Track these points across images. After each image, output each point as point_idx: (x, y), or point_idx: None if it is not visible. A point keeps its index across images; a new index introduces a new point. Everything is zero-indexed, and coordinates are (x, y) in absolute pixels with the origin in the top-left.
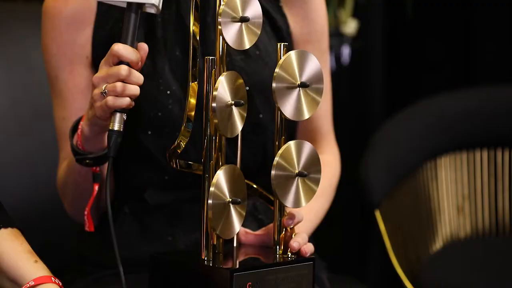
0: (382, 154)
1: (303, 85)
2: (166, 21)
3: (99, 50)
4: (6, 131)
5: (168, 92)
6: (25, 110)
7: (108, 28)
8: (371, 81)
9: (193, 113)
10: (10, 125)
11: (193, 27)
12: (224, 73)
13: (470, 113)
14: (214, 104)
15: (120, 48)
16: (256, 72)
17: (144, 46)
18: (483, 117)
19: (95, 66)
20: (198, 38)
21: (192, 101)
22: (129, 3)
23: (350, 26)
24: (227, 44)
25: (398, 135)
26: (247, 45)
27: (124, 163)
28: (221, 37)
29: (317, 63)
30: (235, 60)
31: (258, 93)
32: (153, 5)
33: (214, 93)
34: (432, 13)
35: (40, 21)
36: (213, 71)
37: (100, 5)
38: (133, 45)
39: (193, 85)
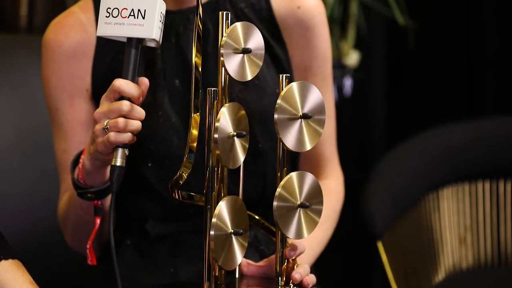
0: (384, 185)
1: (305, 116)
2: (166, 53)
3: (99, 83)
4: (8, 162)
5: (168, 124)
6: (27, 142)
7: (107, 61)
8: (373, 113)
9: (195, 144)
10: (12, 156)
11: (195, 58)
12: (226, 105)
13: (472, 145)
14: (216, 135)
15: (121, 84)
16: (255, 101)
17: (145, 81)
18: (485, 148)
19: (95, 99)
20: (200, 69)
21: (194, 132)
22: (129, 38)
23: (352, 58)
24: (230, 76)
25: (400, 166)
26: (249, 77)
27: (125, 195)
28: (223, 68)
29: (319, 94)
30: (234, 89)
31: (258, 122)
32: (153, 40)
33: (216, 124)
34: (434, 45)
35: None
36: (215, 103)
37: (99, 38)
38: (134, 80)
39: (195, 116)
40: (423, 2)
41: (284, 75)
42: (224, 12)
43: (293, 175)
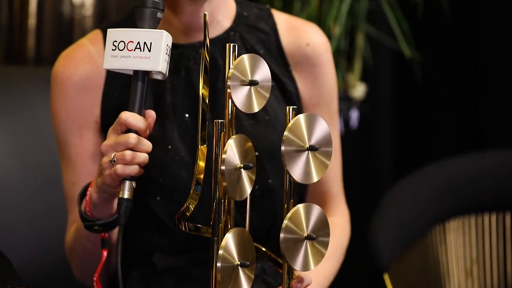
0: (391, 217)
1: (312, 148)
2: (175, 86)
3: (108, 116)
4: (16, 194)
5: (177, 158)
6: (34, 174)
7: (116, 94)
8: (379, 145)
9: (202, 176)
10: (20, 189)
11: (202, 90)
12: (233, 136)
13: (478, 177)
14: (223, 167)
15: (128, 117)
16: (265, 137)
17: (151, 114)
18: (490, 180)
19: (104, 131)
20: (207, 101)
21: (201, 164)
22: (135, 71)
23: (359, 90)
24: (236, 107)
25: (407, 198)
26: (256, 108)
27: (133, 227)
28: (230, 100)
29: (325, 126)
30: (244, 125)
31: (268, 158)
32: (159, 72)
33: (223, 156)
34: (440, 77)
35: (49, 85)
36: (222, 134)
37: (109, 71)
38: (140, 112)
39: (202, 148)
40: (429, 35)
41: (291, 107)
42: (231, 44)
43: (300, 207)
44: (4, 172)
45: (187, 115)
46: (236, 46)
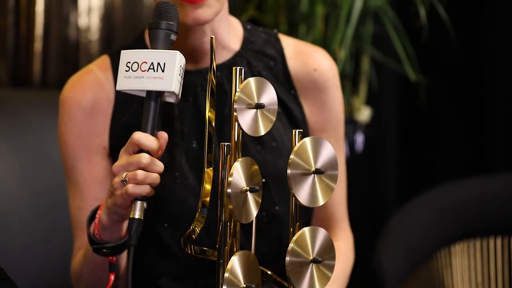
0: (396, 241)
1: (318, 171)
2: (183, 113)
3: (116, 141)
4: (22, 219)
5: (185, 184)
6: (40, 198)
7: (125, 120)
8: (384, 168)
9: (208, 199)
10: (26, 213)
11: (208, 113)
12: (239, 159)
13: (482, 200)
14: (229, 190)
15: (140, 137)
16: (272, 163)
17: (163, 135)
18: (495, 204)
19: (112, 156)
20: (213, 124)
21: (207, 187)
22: (148, 92)
23: (364, 114)
24: (243, 131)
25: (412, 222)
26: (262, 132)
27: (140, 252)
28: (236, 123)
29: (331, 150)
30: (251, 151)
31: (274, 184)
32: (172, 93)
33: (229, 179)
34: (446, 100)
35: (55, 109)
36: (228, 157)
37: (118, 95)
38: (153, 133)
39: (208, 171)
40: (434, 58)
41: (297, 130)
42: (238, 68)
43: (306, 230)
44: (10, 195)
45: (195, 142)
46: (243, 70)
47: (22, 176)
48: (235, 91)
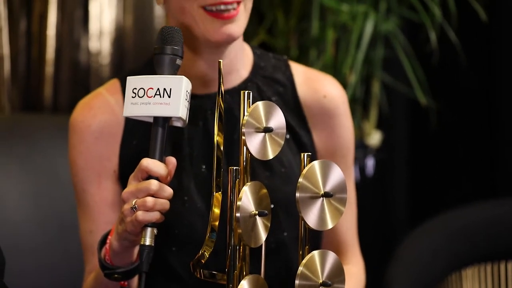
0: (406, 265)
1: (326, 195)
2: (193, 137)
3: (127, 165)
4: (32, 242)
5: (194, 209)
6: (51, 222)
7: (135, 144)
8: (395, 193)
9: (217, 223)
10: (36, 236)
11: (217, 137)
12: (248, 184)
13: (493, 225)
14: (238, 214)
15: (149, 163)
16: (281, 189)
17: (172, 160)
18: (507, 228)
19: (122, 180)
20: (222, 148)
21: (216, 211)
22: (155, 118)
23: (374, 138)
24: (251, 155)
25: (422, 246)
26: (270, 156)
27: (148, 277)
28: (245, 147)
29: (340, 173)
30: (260, 177)
31: (283, 210)
32: (179, 118)
33: (238, 203)
34: (456, 124)
35: (67, 133)
36: (237, 181)
37: (127, 118)
38: (161, 159)
39: (217, 195)
40: (445, 82)
41: (306, 154)
42: (246, 92)
43: (315, 253)
44: (20, 218)
45: (203, 167)
46: (251, 94)
47: (33, 199)
48: (243, 114)
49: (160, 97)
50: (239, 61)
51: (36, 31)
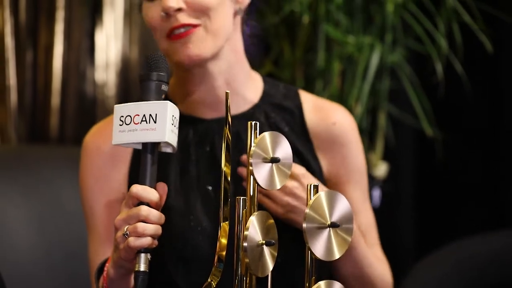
0: None
1: (333, 225)
2: (200, 159)
3: None
4: (38, 270)
5: (199, 228)
6: (56, 251)
7: None
8: (401, 224)
9: (224, 253)
10: (42, 265)
11: (224, 167)
12: (255, 213)
13: (500, 255)
14: (245, 244)
15: (138, 190)
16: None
17: (162, 185)
18: None
19: None
20: (229, 179)
21: (223, 241)
22: (144, 144)
23: (381, 169)
24: (259, 185)
25: (430, 277)
26: (277, 186)
27: None
28: (252, 177)
29: (346, 203)
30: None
31: (286, 231)
32: (167, 143)
33: (245, 232)
34: (461, 155)
35: (72, 164)
36: (244, 211)
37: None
38: (152, 185)
39: (224, 225)
40: (451, 113)
41: (312, 184)
42: (253, 122)
43: (321, 284)
44: (25, 248)
45: (210, 188)
46: (258, 124)
47: (39, 228)
48: (251, 145)
49: (146, 123)
50: (242, 86)
51: (42, 62)
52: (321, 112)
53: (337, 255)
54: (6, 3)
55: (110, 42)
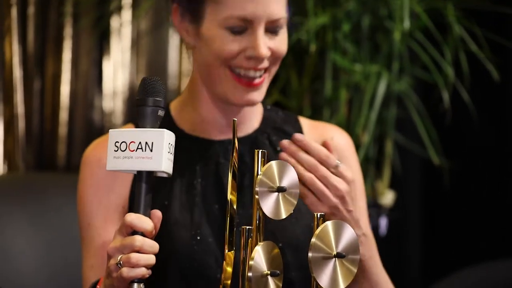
0: None
1: (339, 255)
2: (205, 178)
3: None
4: None
5: (204, 244)
6: (61, 277)
7: None
8: (409, 252)
9: (229, 282)
10: None
11: (230, 196)
12: (261, 243)
13: (509, 283)
14: (250, 274)
15: (133, 219)
16: (288, 229)
17: (157, 214)
18: None
19: None
20: (235, 207)
21: (229, 269)
22: (139, 172)
23: (388, 197)
24: (265, 215)
25: None
26: (283, 215)
27: None
28: (258, 206)
29: (352, 233)
30: (268, 218)
31: (290, 250)
32: (163, 171)
33: (251, 262)
34: (469, 184)
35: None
36: (249, 241)
37: None
38: (146, 213)
39: (230, 254)
40: (458, 142)
41: (319, 214)
42: (260, 151)
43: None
44: (34, 274)
45: (216, 206)
46: (266, 153)
47: (45, 254)
48: (257, 173)
49: (143, 151)
50: (252, 112)
51: (49, 91)
52: (317, 129)
53: (342, 285)
54: (15, 32)
55: (117, 71)
